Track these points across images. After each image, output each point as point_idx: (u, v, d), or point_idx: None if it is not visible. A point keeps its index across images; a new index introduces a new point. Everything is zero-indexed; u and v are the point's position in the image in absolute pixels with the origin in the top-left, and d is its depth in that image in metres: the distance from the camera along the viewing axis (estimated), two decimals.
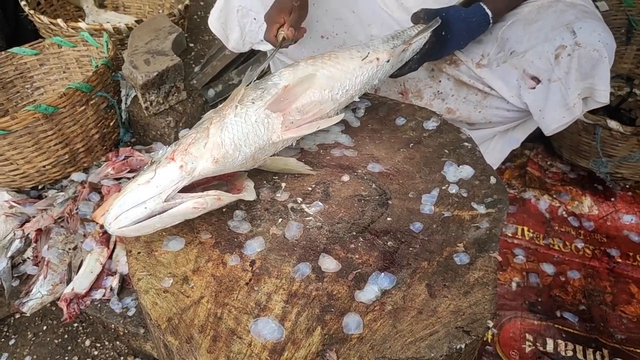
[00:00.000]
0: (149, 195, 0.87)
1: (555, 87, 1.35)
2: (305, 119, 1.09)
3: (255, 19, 1.47)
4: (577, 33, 1.29)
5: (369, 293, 0.87)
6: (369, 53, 1.22)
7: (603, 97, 1.32)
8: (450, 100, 1.59)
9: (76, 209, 1.46)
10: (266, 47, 1.53)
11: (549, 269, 1.52)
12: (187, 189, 0.93)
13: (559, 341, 1.34)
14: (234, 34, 1.47)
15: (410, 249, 0.95)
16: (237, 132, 0.98)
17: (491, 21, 1.39)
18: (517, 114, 1.54)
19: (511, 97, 1.46)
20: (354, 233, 0.98)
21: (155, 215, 0.87)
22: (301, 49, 1.57)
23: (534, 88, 1.39)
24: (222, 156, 0.96)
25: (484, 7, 1.37)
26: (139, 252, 0.96)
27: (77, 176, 1.59)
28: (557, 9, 1.39)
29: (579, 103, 1.34)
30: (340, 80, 1.16)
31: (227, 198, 0.95)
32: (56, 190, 1.58)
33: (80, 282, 1.31)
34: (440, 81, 1.57)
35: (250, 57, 2.31)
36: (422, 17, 1.35)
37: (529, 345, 1.33)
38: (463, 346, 0.80)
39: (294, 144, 1.17)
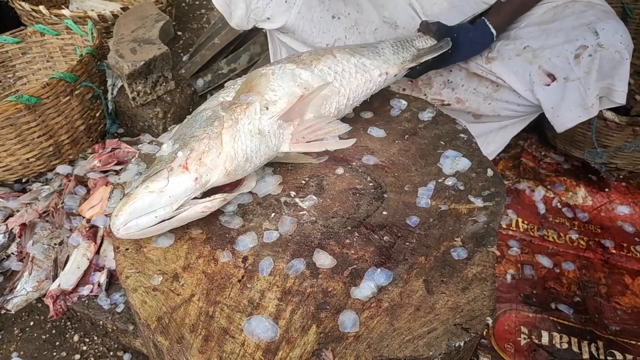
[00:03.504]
0: (160, 204, 0.85)
1: (574, 87, 1.34)
2: (317, 135, 1.06)
3: None
4: (599, 34, 1.29)
5: (365, 290, 0.84)
6: (382, 70, 1.22)
7: (620, 97, 1.33)
8: (460, 90, 1.58)
9: (62, 203, 1.41)
10: (271, 25, 1.48)
11: (543, 260, 1.51)
12: None
13: (554, 333, 1.34)
14: (239, 10, 1.42)
15: (407, 243, 0.93)
16: (249, 143, 0.95)
17: (494, 39, 1.41)
18: (527, 109, 1.52)
19: (524, 91, 1.46)
20: (349, 228, 0.96)
21: (164, 221, 0.86)
22: (312, 29, 1.52)
23: (549, 85, 1.38)
24: (234, 169, 0.93)
25: (489, 26, 1.39)
26: (127, 249, 0.92)
27: (62, 169, 1.54)
28: (576, 9, 1.38)
29: (597, 103, 1.35)
30: (349, 93, 1.16)
31: (231, 197, 0.94)
32: (41, 184, 1.54)
33: (67, 278, 1.27)
34: (451, 70, 1.55)
35: (240, 45, 2.27)
36: (433, 30, 1.36)
37: (524, 338, 1.32)
38: (462, 344, 0.78)
39: None
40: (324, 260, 0.88)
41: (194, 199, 0.89)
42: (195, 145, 0.92)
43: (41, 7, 1.89)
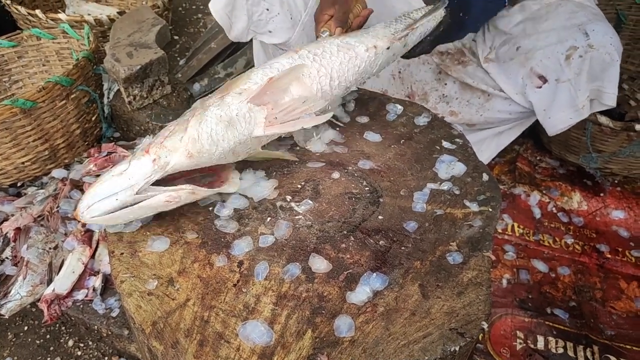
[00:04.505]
0: (121, 187, 0.87)
1: (564, 88, 1.35)
2: (293, 115, 1.05)
3: (268, 9, 1.43)
4: (589, 35, 1.30)
5: (360, 294, 0.84)
6: (369, 44, 1.16)
7: (611, 99, 1.34)
8: (454, 103, 1.60)
9: (57, 207, 1.41)
10: (271, 39, 1.49)
11: (539, 265, 1.52)
12: (170, 180, 0.93)
13: (550, 338, 1.34)
14: (240, 23, 1.42)
15: (403, 248, 0.93)
16: (214, 126, 0.95)
17: (506, 2, 1.37)
18: (519, 115, 1.54)
19: (515, 95, 1.46)
20: (345, 232, 0.96)
21: (127, 207, 0.88)
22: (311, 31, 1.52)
23: (540, 87, 1.39)
24: (198, 151, 0.93)
25: None
26: (121, 253, 0.92)
27: (57, 173, 1.54)
28: (567, 9, 1.39)
29: (587, 105, 1.35)
30: (332, 72, 1.11)
31: (203, 192, 0.95)
32: (36, 188, 1.53)
33: (62, 283, 1.27)
34: (446, 84, 1.57)
35: (237, 50, 2.27)
36: None
37: (520, 343, 1.32)
38: (457, 348, 0.78)
39: (282, 137, 1.14)
40: (319, 264, 0.88)
41: (162, 183, 0.90)
42: (162, 132, 0.95)
43: (37, 11, 1.89)
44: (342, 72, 1.13)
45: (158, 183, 0.91)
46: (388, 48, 1.19)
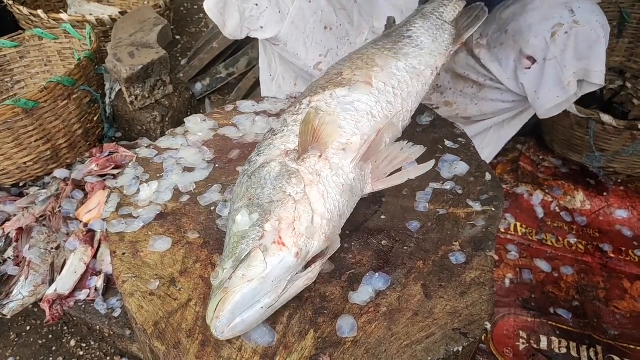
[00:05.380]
0: (264, 292, 0.74)
1: (550, 66, 1.34)
2: (394, 166, 0.95)
3: (257, 4, 1.43)
4: (575, 12, 1.28)
5: (363, 294, 0.84)
6: (432, 66, 1.11)
7: (598, 78, 1.31)
8: (449, 93, 1.59)
9: (59, 207, 1.41)
10: (264, 34, 1.49)
11: (542, 265, 1.51)
12: None
13: (553, 338, 1.33)
14: (233, 19, 1.42)
15: (405, 248, 0.93)
16: (339, 197, 0.85)
17: None
18: (512, 104, 1.53)
19: (507, 80, 1.45)
20: (347, 232, 0.95)
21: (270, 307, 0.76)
22: (305, 39, 1.53)
23: (530, 68, 1.38)
24: (332, 232, 0.83)
25: None
26: (123, 253, 0.92)
27: (59, 173, 1.54)
28: None
29: (574, 82, 1.33)
30: (411, 105, 1.08)
31: (325, 260, 0.84)
32: (38, 188, 1.53)
33: (64, 283, 1.27)
34: (439, 74, 1.57)
35: (238, 49, 2.27)
36: None
37: (523, 343, 1.32)
38: (460, 349, 0.78)
39: None
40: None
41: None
42: (282, 212, 0.80)
43: (39, 12, 1.89)
44: (417, 102, 1.09)
45: None
46: (443, 65, 1.16)
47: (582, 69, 1.32)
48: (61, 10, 2.27)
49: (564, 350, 1.31)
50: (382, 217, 0.99)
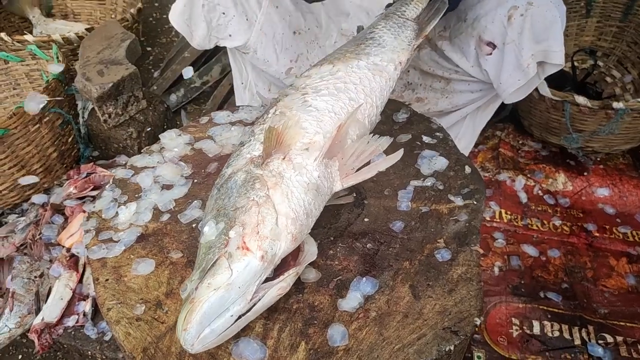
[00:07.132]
0: (232, 298, 0.73)
1: (509, 50, 1.35)
2: (362, 160, 0.94)
3: (224, 13, 1.41)
4: None
5: (352, 301, 0.84)
6: (395, 61, 1.10)
7: (558, 58, 1.32)
8: (419, 89, 1.60)
9: (39, 234, 1.38)
10: (232, 42, 1.48)
11: (529, 249, 1.52)
12: None
13: (545, 322, 1.34)
14: (200, 30, 1.41)
15: (390, 249, 0.93)
16: (304, 196, 0.85)
17: None
18: (481, 93, 1.54)
19: (471, 68, 1.46)
20: (332, 238, 0.95)
21: (241, 316, 0.74)
22: (274, 45, 1.52)
23: (491, 54, 1.39)
24: (299, 230, 0.82)
25: None
26: (106, 279, 0.90)
27: (37, 198, 1.51)
28: None
29: (533, 64, 1.34)
30: (376, 100, 1.06)
31: (301, 269, 0.83)
32: (17, 215, 1.50)
33: (50, 311, 1.25)
34: (408, 72, 1.57)
35: (211, 57, 2.24)
36: None
37: (516, 330, 1.33)
38: (452, 347, 0.78)
39: None
40: (308, 274, 0.87)
41: (265, 280, 0.78)
42: (245, 217, 0.79)
43: (2, 34, 1.84)
44: (382, 98, 1.08)
45: None
46: (407, 60, 1.15)
47: (540, 50, 1.32)
48: (25, 32, 2.22)
49: (556, 334, 1.32)
50: (366, 219, 0.99)
